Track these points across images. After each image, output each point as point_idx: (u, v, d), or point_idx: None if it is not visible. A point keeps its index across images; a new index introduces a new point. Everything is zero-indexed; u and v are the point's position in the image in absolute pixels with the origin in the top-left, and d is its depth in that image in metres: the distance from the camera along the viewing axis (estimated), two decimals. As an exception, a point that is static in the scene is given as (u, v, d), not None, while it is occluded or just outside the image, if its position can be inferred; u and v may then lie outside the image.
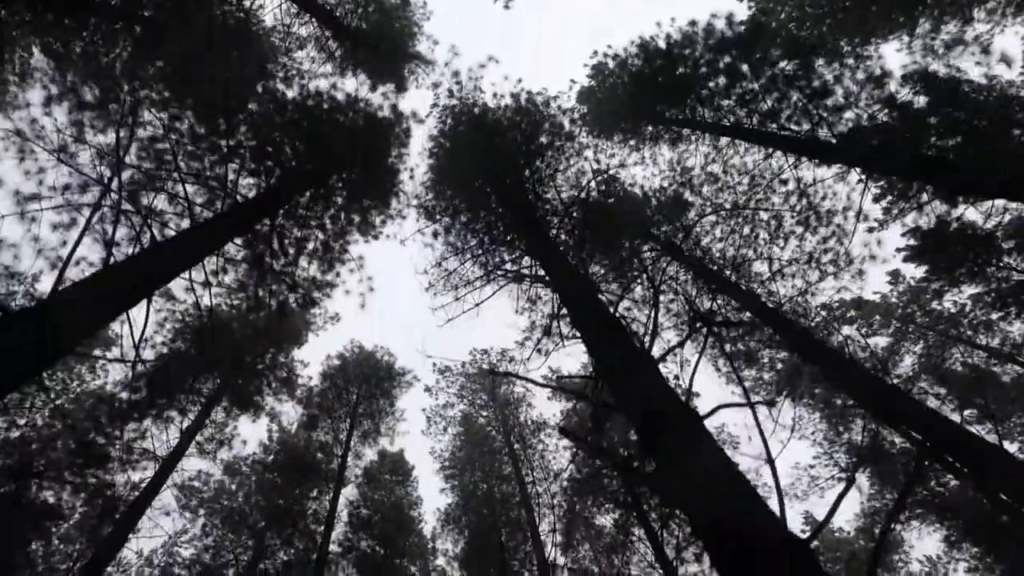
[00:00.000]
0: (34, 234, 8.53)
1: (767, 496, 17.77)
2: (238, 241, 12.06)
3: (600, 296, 10.01)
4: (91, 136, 8.81)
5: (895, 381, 17.41)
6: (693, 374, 5.83)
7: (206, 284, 9.52)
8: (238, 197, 9.70)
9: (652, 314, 7.24)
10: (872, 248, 13.65)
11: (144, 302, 6.36)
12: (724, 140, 14.05)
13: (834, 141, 10.42)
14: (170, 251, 6.65)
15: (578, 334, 8.37)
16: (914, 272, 18.58)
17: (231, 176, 10.29)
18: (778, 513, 3.99)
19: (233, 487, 21.47)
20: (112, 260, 6.62)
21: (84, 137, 8.84)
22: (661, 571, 16.21)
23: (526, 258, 12.86)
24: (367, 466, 24.27)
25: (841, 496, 4.57)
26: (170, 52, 10.26)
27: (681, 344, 7.26)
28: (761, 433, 4.78)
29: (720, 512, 3.97)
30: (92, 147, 8.82)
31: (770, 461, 4.58)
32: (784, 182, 13.23)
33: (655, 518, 17.12)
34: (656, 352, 7.44)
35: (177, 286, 15.25)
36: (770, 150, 12.57)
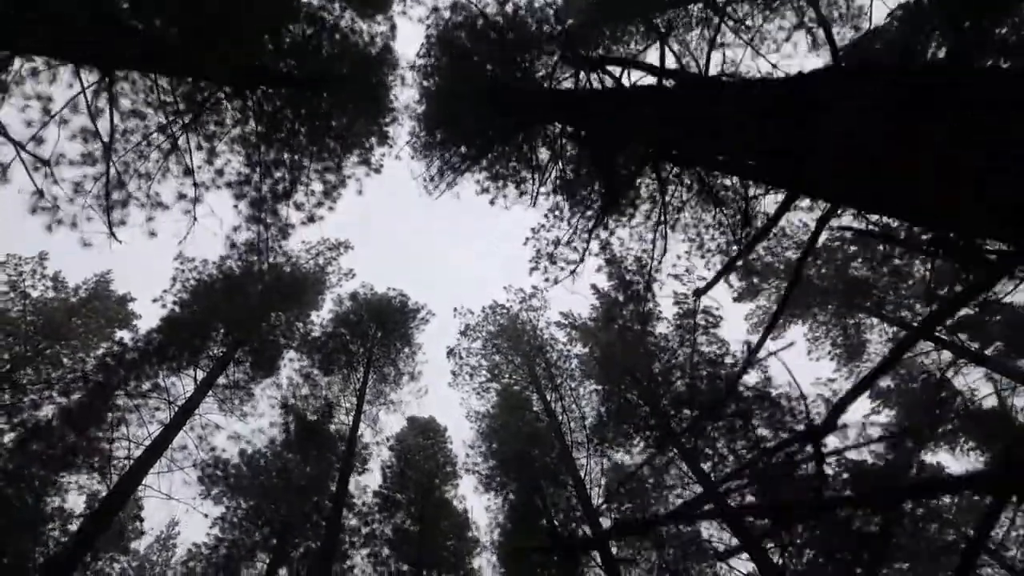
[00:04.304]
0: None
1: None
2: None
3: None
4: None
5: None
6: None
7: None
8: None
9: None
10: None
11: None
12: None
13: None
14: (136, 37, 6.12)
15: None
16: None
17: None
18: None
19: (249, 473, 21.04)
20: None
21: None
22: (699, 482, 15.61)
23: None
24: (399, 432, 23.88)
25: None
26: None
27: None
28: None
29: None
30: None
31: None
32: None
33: (686, 440, 16.47)
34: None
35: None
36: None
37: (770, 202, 13.69)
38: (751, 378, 16.19)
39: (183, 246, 10.11)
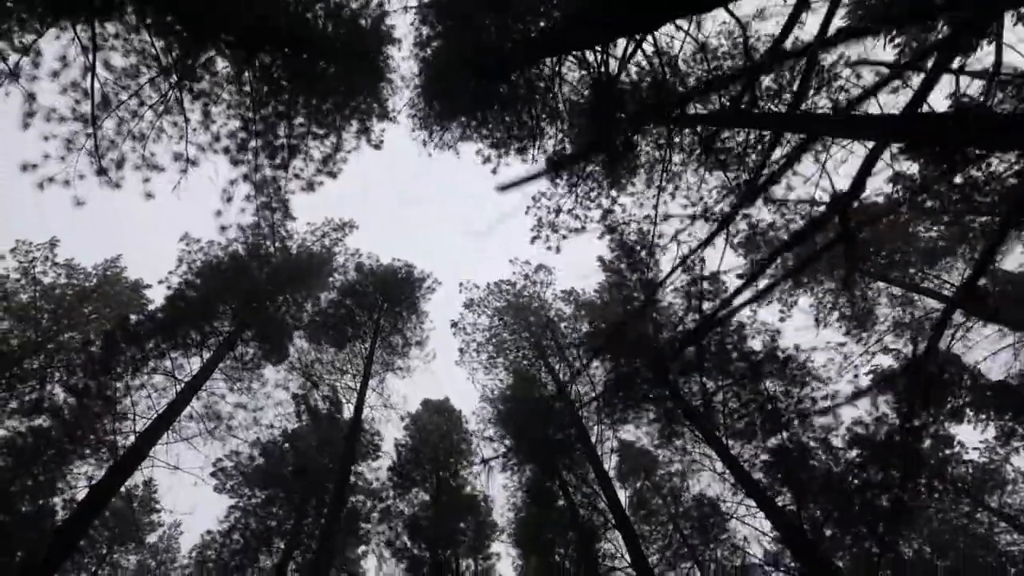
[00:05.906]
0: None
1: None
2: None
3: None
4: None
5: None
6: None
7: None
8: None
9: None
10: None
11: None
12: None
13: None
14: None
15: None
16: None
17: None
18: None
19: (263, 462, 21.08)
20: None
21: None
22: (712, 449, 15.50)
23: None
24: (413, 413, 23.93)
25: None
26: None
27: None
28: None
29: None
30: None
31: None
32: None
33: (696, 403, 16.32)
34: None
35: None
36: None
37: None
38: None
39: (176, 192, 10.08)
